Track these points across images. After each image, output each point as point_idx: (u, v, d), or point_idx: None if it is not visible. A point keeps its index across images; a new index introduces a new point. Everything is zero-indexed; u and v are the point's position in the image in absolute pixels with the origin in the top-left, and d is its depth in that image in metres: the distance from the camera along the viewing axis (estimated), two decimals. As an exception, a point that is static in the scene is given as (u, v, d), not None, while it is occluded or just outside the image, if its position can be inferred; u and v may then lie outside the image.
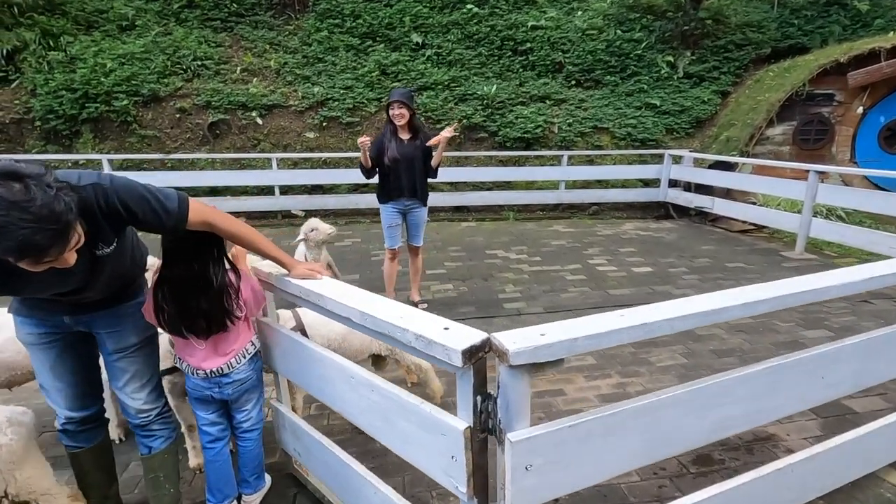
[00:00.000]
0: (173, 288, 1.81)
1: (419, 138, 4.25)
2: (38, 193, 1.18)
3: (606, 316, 1.45)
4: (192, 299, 1.81)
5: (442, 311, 4.47)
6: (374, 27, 9.85)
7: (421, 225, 4.51)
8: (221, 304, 1.85)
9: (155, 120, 8.10)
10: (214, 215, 1.75)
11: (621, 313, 1.46)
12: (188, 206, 1.63)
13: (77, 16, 8.92)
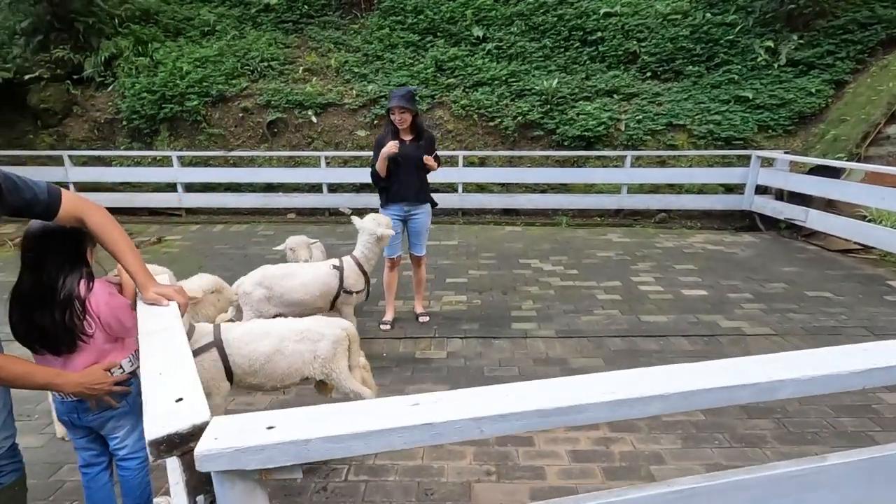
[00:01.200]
0: (19, 298, 1.70)
1: (423, 139, 3.95)
2: None
3: (387, 402, 1.05)
4: (36, 312, 1.69)
5: (443, 327, 4.17)
6: (436, 22, 9.62)
7: (423, 232, 4.19)
8: (64, 321, 1.68)
9: (221, 119, 8.62)
10: (88, 210, 1.63)
11: (415, 401, 1.05)
12: (60, 192, 1.61)
13: (167, 24, 9.76)
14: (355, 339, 2.70)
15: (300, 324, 2.57)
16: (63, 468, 2.58)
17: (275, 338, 2.47)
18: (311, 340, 2.52)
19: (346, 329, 2.64)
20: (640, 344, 3.86)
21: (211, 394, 2.38)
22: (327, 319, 2.67)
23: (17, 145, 8.71)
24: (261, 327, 2.51)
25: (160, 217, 8.28)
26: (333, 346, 2.55)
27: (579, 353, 3.72)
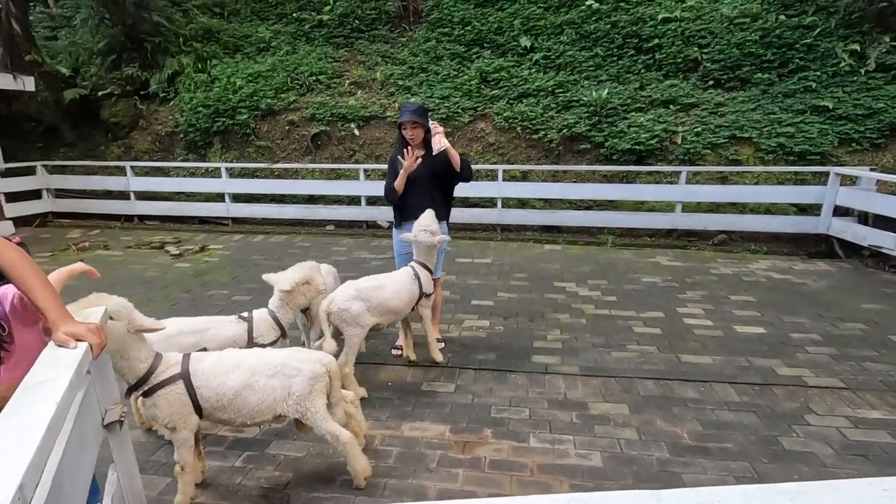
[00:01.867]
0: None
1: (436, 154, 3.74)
2: None
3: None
4: None
5: (457, 356, 3.89)
6: (483, 33, 9.44)
7: (438, 252, 3.95)
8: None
9: (269, 132, 8.86)
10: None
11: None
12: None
13: (227, 42, 10.25)
14: (336, 375, 2.49)
15: (275, 357, 2.39)
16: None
17: (245, 371, 2.31)
18: (286, 375, 2.33)
19: (327, 365, 2.44)
20: (676, 389, 3.39)
21: (177, 427, 2.26)
22: (307, 353, 2.48)
23: (91, 156, 9.41)
24: (232, 359, 2.36)
25: (209, 226, 8.61)
26: (310, 383, 2.35)
27: (602, 397, 3.31)
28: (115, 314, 2.02)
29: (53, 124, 9.49)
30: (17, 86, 7.88)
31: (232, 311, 4.73)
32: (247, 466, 2.67)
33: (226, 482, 2.55)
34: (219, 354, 2.39)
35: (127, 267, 6.43)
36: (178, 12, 10.28)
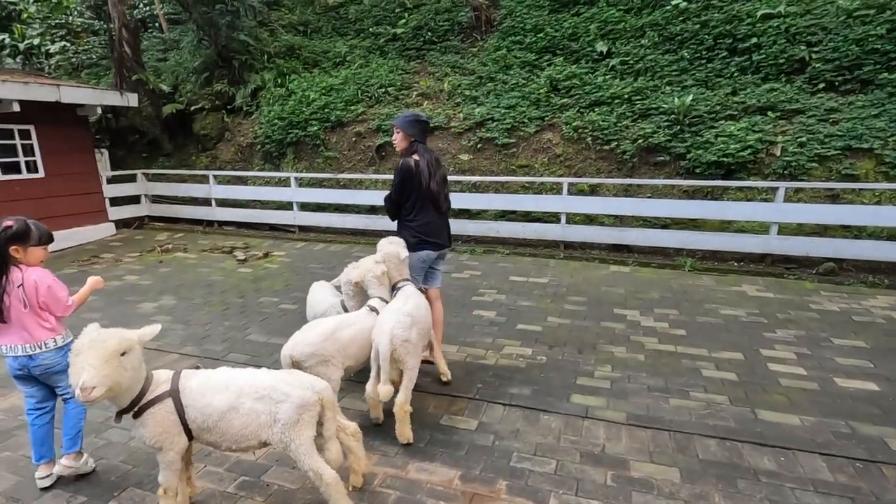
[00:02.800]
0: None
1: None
2: None
3: None
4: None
5: (489, 387, 3.55)
6: (556, 40, 9.00)
7: (439, 267, 3.93)
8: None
9: (338, 143, 9.07)
10: None
11: None
12: None
13: (306, 57, 10.73)
14: (330, 404, 2.26)
15: (266, 379, 2.21)
16: (50, 494, 2.58)
17: (232, 392, 2.16)
18: (273, 400, 2.14)
19: (320, 392, 2.22)
20: (748, 456, 2.76)
21: (163, 448, 2.15)
22: (301, 377, 2.28)
23: (184, 165, 10.26)
24: (222, 378, 2.22)
25: (278, 233, 8.96)
26: (298, 411, 2.14)
27: (649, 455, 2.77)
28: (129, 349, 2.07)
29: (155, 136, 10.47)
30: (123, 102, 8.76)
31: (276, 320, 4.74)
32: (237, 493, 2.52)
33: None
34: (210, 373, 2.26)
35: (196, 270, 6.79)
36: (265, 32, 10.98)
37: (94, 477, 2.68)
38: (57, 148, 8.15)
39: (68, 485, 2.62)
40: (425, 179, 3.47)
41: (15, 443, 3.01)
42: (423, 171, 3.47)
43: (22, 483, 2.64)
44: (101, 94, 8.49)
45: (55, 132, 8.09)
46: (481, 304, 5.23)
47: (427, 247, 3.60)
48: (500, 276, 6.21)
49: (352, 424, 2.47)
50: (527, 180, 7.60)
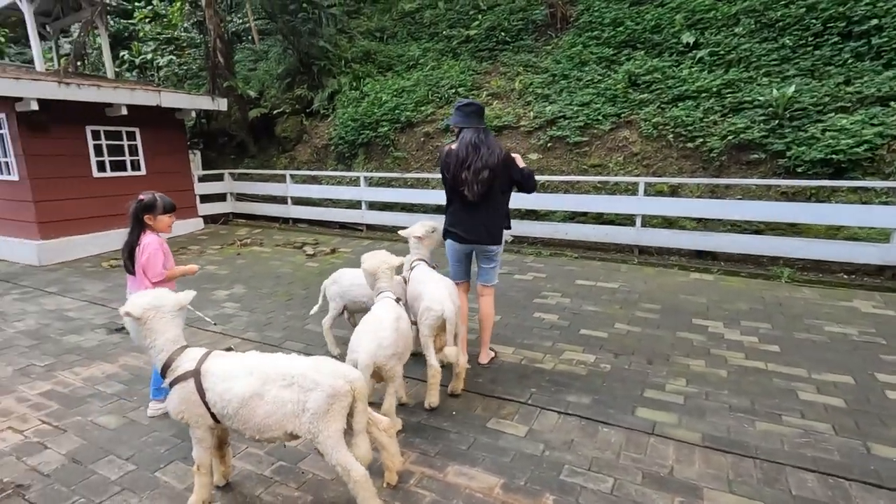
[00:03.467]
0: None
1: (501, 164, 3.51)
2: None
3: None
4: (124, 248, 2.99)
5: (543, 392, 3.31)
6: (636, 33, 8.46)
7: (492, 262, 3.70)
8: (127, 255, 2.99)
9: (407, 143, 9.15)
10: None
11: None
12: None
13: (381, 62, 10.98)
14: (362, 396, 2.13)
15: (295, 365, 2.11)
16: (107, 459, 2.69)
17: (257, 378, 2.07)
18: (302, 388, 2.03)
19: (353, 382, 2.09)
20: (856, 496, 2.27)
21: (189, 424, 2.16)
22: (334, 365, 2.15)
23: (265, 166, 10.88)
24: (247, 363, 2.14)
25: (347, 231, 9.18)
26: (328, 401, 2.02)
27: (727, 484, 2.37)
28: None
29: (242, 139, 11.21)
30: (214, 106, 9.46)
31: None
32: (273, 478, 2.47)
33: (247, 491, 2.38)
34: (236, 357, 2.21)
35: (269, 263, 7.09)
36: (344, 38, 11.40)
37: (145, 446, 2.77)
38: (157, 149, 8.95)
39: (123, 452, 2.72)
40: (450, 167, 3.32)
41: (87, 409, 3.20)
42: (449, 159, 3.34)
43: (85, 447, 2.79)
44: (194, 99, 9.23)
45: (156, 135, 8.89)
46: (543, 307, 4.93)
47: (449, 236, 3.55)
48: (566, 279, 5.86)
49: (384, 419, 2.33)
50: (599, 180, 7.16)
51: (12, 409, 3.21)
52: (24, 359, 4.02)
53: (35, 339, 4.43)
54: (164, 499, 2.35)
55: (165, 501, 2.33)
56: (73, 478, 2.52)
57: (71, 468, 2.59)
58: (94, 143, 8.06)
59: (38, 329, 4.71)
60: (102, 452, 2.72)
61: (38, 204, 7.43)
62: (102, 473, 2.54)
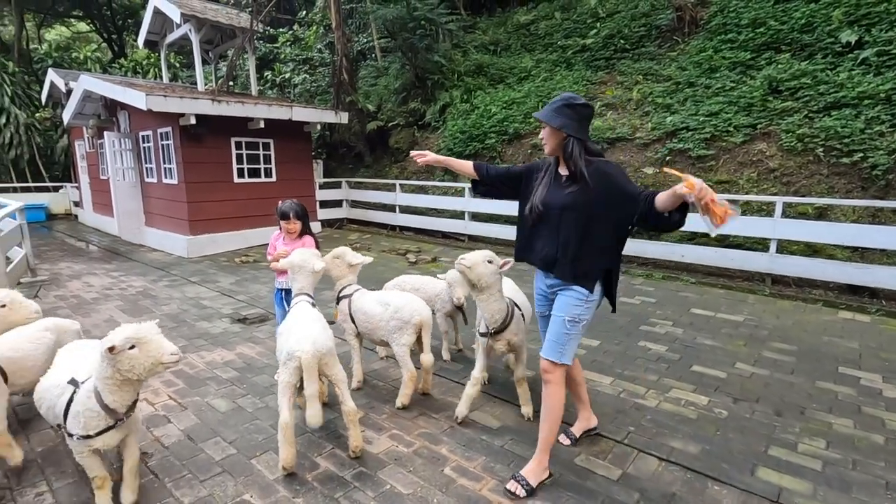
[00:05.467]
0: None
1: (584, 180, 2.33)
2: None
3: None
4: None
5: (643, 431, 3.04)
6: (781, 34, 7.49)
7: (560, 323, 2.43)
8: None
9: (513, 155, 9.05)
10: None
11: None
12: None
13: (493, 74, 11.05)
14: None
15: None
16: (214, 440, 2.95)
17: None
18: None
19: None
20: None
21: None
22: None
23: (379, 175, 11.50)
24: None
25: (449, 240, 9.31)
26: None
27: (879, 584, 1.90)
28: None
29: (359, 150, 11.99)
30: (337, 119, 10.24)
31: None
32: (353, 483, 2.51)
33: (326, 492, 2.45)
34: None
35: (373, 268, 7.42)
36: (458, 53, 11.68)
37: (246, 433, 2.99)
38: (287, 158, 9.91)
39: (228, 435, 2.97)
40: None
41: (205, 390, 3.57)
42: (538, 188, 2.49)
43: (199, 426, 3.09)
44: (320, 113, 10.07)
45: (287, 145, 9.85)
46: (650, 336, 4.50)
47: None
48: (679, 306, 5.30)
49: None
50: (726, 198, 6.39)
51: (150, 383, 3.68)
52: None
53: (175, 323, 5.09)
54: (255, 486, 2.50)
55: (256, 490, 2.48)
56: (185, 453, 2.80)
57: (185, 444, 2.89)
58: (235, 153, 9.15)
59: (179, 314, 5.40)
60: (211, 433, 3.00)
61: (190, 204, 8.61)
62: (209, 453, 2.79)
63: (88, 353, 2.48)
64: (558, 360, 2.42)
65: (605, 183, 2.31)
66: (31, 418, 3.15)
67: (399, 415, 3.20)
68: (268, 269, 7.56)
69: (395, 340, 3.26)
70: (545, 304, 2.64)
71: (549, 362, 2.43)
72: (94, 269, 7.76)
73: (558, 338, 2.42)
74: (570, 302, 2.41)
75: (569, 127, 2.33)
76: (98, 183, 12.08)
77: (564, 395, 2.49)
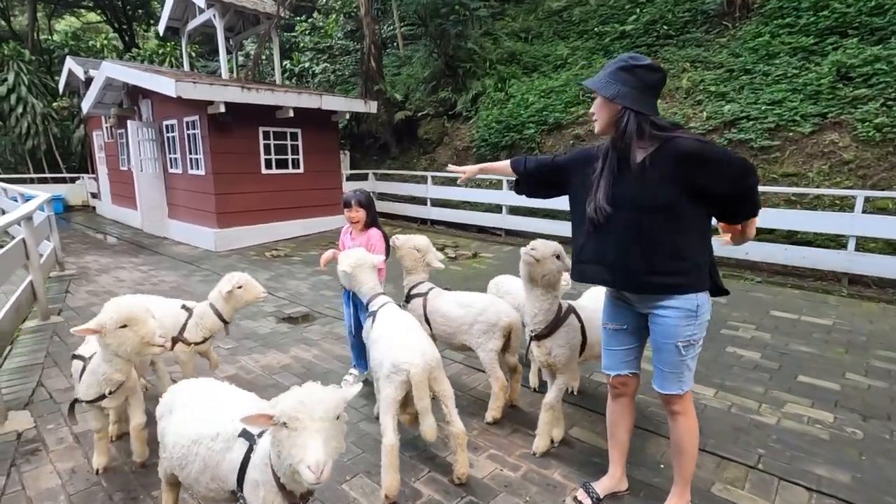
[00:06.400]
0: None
1: (668, 165, 1.77)
2: None
3: None
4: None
5: (775, 456, 2.83)
6: (848, 16, 7.05)
7: (672, 352, 1.91)
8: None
9: (554, 146, 8.67)
10: None
11: None
12: None
13: (526, 62, 10.64)
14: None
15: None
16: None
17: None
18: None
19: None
20: None
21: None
22: None
23: (406, 167, 11.15)
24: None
25: (485, 235, 8.97)
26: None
27: None
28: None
29: (386, 141, 11.63)
30: (366, 109, 9.88)
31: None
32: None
33: None
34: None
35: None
36: (489, 40, 11.28)
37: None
38: (314, 148, 9.57)
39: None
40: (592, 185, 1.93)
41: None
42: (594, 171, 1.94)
43: (272, 442, 2.77)
44: (349, 102, 9.71)
45: (314, 135, 9.51)
46: (736, 341, 4.14)
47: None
48: (756, 308, 4.93)
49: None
50: (796, 192, 6.01)
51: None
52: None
53: (218, 322, 4.77)
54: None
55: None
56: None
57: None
58: (263, 143, 8.83)
59: (220, 311, 5.09)
60: (288, 451, 2.67)
61: (217, 196, 8.30)
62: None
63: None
64: (680, 392, 1.95)
65: (687, 166, 1.72)
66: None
67: (490, 431, 2.87)
68: (301, 263, 7.25)
69: (482, 346, 2.93)
70: (623, 315, 2.06)
71: (671, 395, 1.98)
72: (122, 262, 7.48)
73: (674, 367, 1.92)
74: (676, 323, 1.86)
75: (625, 96, 1.77)
76: (117, 174, 11.80)
77: (696, 422, 2.03)
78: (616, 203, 1.85)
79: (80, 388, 2.36)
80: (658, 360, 1.96)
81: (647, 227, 1.81)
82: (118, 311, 2.14)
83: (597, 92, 1.86)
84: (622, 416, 2.19)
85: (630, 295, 1.99)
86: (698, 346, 1.92)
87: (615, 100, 1.80)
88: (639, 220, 1.81)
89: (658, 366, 1.97)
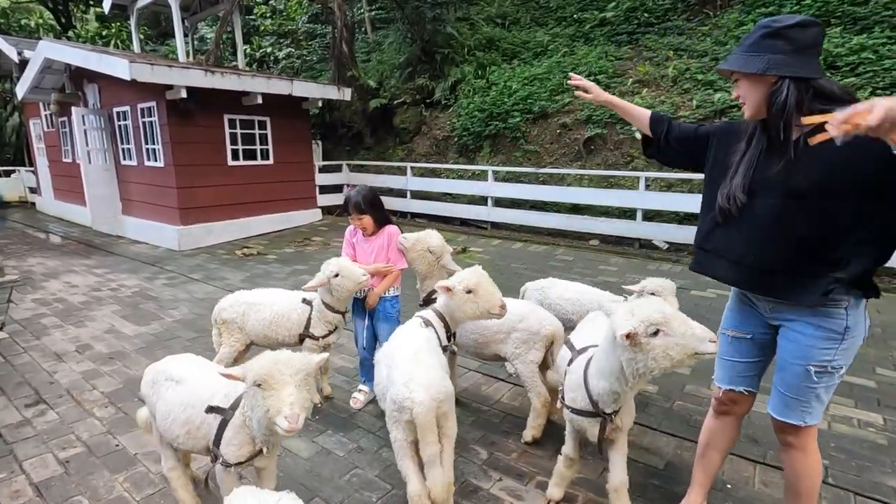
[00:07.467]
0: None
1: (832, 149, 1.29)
2: None
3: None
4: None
5: (838, 465, 2.60)
6: (830, 6, 7.10)
7: (801, 375, 1.57)
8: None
9: (539, 136, 8.41)
10: None
11: None
12: None
13: (506, 49, 10.32)
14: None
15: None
16: (313, 502, 2.23)
17: None
18: None
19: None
20: None
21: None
22: None
23: (381, 157, 10.65)
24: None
25: (469, 228, 8.63)
26: None
27: None
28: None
29: (359, 130, 11.07)
30: (340, 96, 9.31)
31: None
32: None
33: None
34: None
35: (398, 259, 6.69)
36: (466, 25, 10.87)
37: (350, 489, 2.29)
38: (285, 138, 8.93)
39: (327, 492, 2.26)
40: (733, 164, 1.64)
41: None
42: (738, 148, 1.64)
43: (283, 480, 2.36)
44: (323, 89, 9.11)
45: (284, 124, 8.87)
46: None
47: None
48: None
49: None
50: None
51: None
52: (190, 353, 3.79)
53: (195, 332, 4.25)
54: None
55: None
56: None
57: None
58: (229, 132, 8.14)
59: (194, 319, 4.55)
60: (306, 491, 2.27)
61: (179, 190, 7.59)
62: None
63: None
64: (802, 424, 1.60)
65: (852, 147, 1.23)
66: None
67: (531, 452, 2.56)
68: (278, 262, 6.71)
69: (520, 357, 2.60)
70: (748, 321, 1.73)
71: (788, 425, 1.64)
72: (72, 265, 6.71)
73: (799, 393, 1.58)
74: (811, 343, 1.53)
75: (778, 64, 1.45)
76: (61, 166, 10.72)
77: (819, 461, 1.68)
78: (755, 191, 1.55)
79: (224, 449, 1.79)
80: (780, 380, 1.63)
81: (799, 223, 1.47)
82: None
83: (740, 73, 1.55)
84: (721, 436, 1.91)
85: (759, 300, 1.67)
86: (838, 377, 1.55)
87: (767, 72, 1.47)
88: (788, 212, 1.48)
89: (779, 387, 1.64)
